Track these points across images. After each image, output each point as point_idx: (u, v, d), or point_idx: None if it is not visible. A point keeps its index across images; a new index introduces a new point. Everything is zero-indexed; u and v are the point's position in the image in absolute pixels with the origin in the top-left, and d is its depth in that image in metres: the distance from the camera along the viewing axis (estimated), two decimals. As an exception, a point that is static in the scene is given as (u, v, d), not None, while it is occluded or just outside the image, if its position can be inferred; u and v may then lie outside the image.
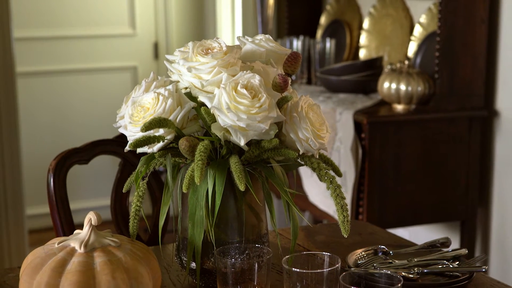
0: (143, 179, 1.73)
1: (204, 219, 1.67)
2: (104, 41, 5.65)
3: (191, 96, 1.71)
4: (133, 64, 5.73)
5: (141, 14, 5.71)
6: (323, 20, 4.48)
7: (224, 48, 1.71)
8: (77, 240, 1.57)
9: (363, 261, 1.89)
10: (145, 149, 1.70)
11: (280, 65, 1.79)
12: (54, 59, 5.52)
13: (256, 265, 1.66)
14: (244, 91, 1.63)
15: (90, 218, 1.58)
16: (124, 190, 1.83)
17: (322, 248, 2.08)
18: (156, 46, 5.78)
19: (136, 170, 1.74)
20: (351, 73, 3.71)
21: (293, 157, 1.68)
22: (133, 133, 1.69)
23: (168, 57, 1.77)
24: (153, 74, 1.78)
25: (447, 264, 1.87)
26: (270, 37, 1.81)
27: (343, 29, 4.30)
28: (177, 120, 1.68)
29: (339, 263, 1.63)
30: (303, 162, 1.73)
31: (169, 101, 1.68)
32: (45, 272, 1.51)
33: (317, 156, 1.73)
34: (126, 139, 1.72)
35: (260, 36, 1.81)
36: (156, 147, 1.69)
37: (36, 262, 1.54)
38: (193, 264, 1.75)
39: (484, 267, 1.83)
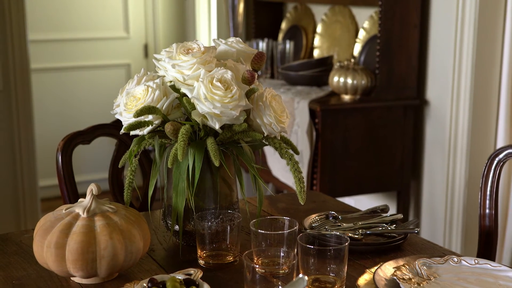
0: (135, 156, 1.73)
1: (185, 190, 1.67)
2: (103, 43, 5.61)
3: (174, 88, 1.71)
4: (127, 62, 5.70)
5: (134, 21, 5.67)
6: (283, 25, 4.47)
7: (202, 49, 1.71)
8: (81, 207, 1.56)
9: (317, 224, 1.89)
10: (137, 132, 1.69)
11: (248, 63, 1.78)
12: (62, 57, 5.47)
13: (229, 228, 1.66)
14: (219, 84, 1.63)
15: (92, 188, 1.57)
16: (119, 166, 1.82)
17: (282, 214, 2.08)
18: (146, 47, 5.75)
19: (130, 149, 1.73)
20: (306, 69, 3.71)
21: (259, 138, 1.68)
22: (127, 119, 1.69)
23: (156, 56, 1.76)
24: (143, 70, 1.78)
25: (386, 226, 1.88)
26: (240, 40, 1.81)
27: (300, 33, 4.29)
28: (163, 108, 1.67)
29: (297, 226, 1.64)
30: (267, 143, 1.73)
31: (157, 92, 1.67)
32: (54, 233, 1.50)
33: (279, 138, 1.74)
34: (121, 123, 1.72)
35: (231, 39, 1.81)
36: (146, 130, 1.68)
37: (47, 225, 1.53)
38: (177, 227, 1.74)
39: (416, 229, 1.84)
